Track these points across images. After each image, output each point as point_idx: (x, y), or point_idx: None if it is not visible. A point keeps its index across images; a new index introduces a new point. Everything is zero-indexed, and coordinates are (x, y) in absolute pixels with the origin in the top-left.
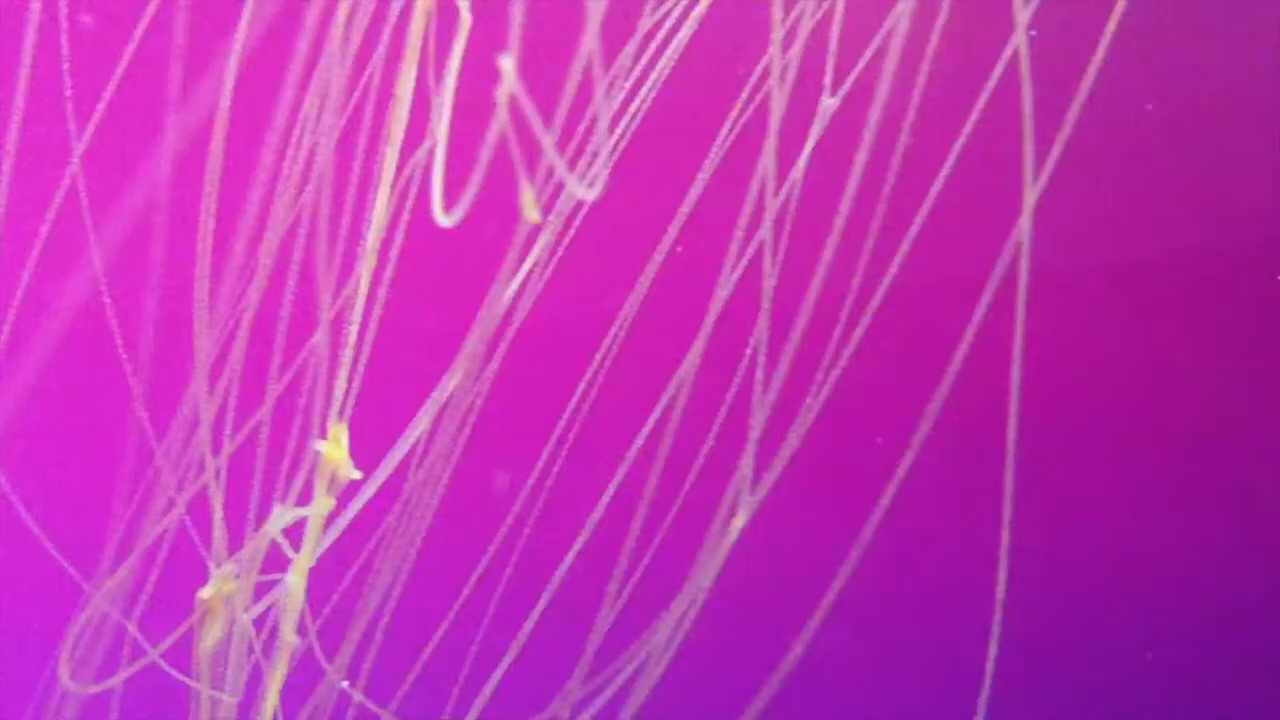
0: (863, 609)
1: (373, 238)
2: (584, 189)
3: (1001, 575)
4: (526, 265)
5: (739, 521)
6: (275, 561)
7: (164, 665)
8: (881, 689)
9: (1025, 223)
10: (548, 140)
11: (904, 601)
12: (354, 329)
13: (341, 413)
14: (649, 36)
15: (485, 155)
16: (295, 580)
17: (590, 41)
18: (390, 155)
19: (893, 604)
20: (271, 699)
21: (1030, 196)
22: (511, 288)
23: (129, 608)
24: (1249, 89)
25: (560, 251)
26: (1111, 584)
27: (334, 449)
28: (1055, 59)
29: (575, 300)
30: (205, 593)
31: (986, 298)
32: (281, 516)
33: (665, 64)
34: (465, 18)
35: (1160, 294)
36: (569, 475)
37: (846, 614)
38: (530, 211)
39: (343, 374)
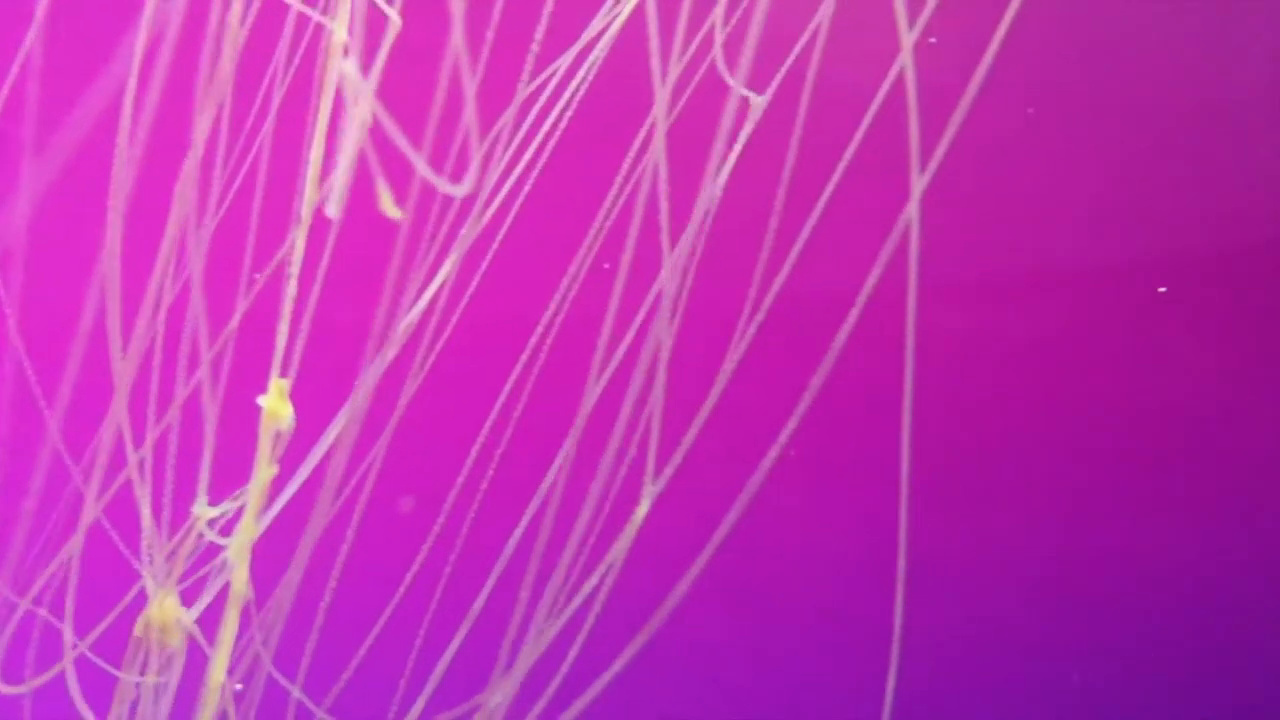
0: (752, 588)
1: (307, 207)
2: (454, 187)
3: (900, 568)
4: (440, 277)
5: (642, 510)
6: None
7: (93, 657)
8: (780, 668)
9: (912, 210)
10: (419, 160)
11: (795, 584)
12: (293, 283)
13: (283, 371)
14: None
15: (351, 153)
16: (237, 554)
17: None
18: (323, 105)
19: (785, 585)
20: (221, 658)
21: (918, 184)
22: (425, 297)
23: (59, 606)
24: (1131, 95)
25: (484, 264)
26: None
27: (276, 402)
28: (947, 68)
29: (493, 310)
30: (150, 616)
31: (863, 300)
32: (205, 510)
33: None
34: (394, 20)
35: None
36: (498, 473)
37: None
38: (389, 208)
39: (283, 328)
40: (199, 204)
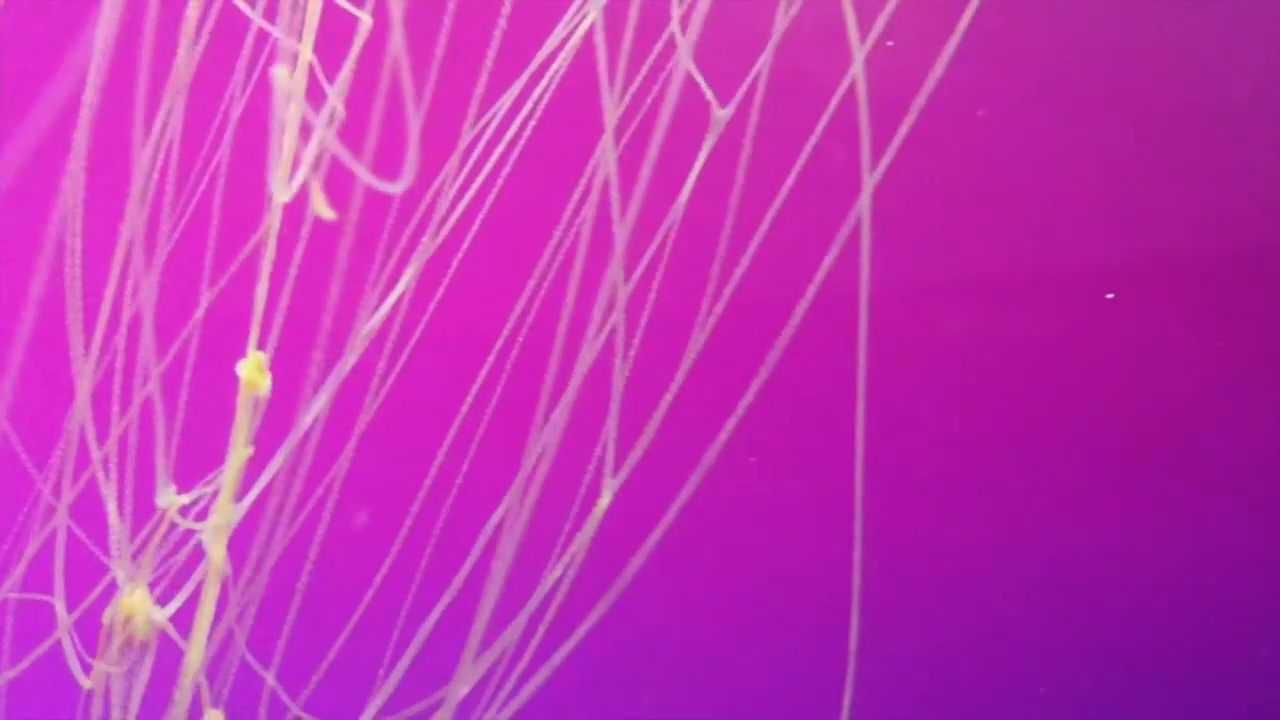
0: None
1: (278, 192)
2: (388, 185)
3: (856, 572)
4: (405, 278)
5: (603, 502)
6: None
7: (76, 643)
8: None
9: (864, 203)
10: (362, 169)
11: (786, 585)
12: (269, 256)
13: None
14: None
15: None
16: (213, 534)
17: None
18: (293, 105)
19: (777, 586)
20: (198, 640)
21: (869, 182)
22: (391, 299)
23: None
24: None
25: (450, 271)
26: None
27: (254, 372)
28: (898, 72)
29: (458, 312)
30: (122, 610)
31: (807, 302)
32: (174, 499)
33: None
34: (365, 20)
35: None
36: (467, 470)
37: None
38: (322, 210)
39: (259, 304)
40: (155, 201)
